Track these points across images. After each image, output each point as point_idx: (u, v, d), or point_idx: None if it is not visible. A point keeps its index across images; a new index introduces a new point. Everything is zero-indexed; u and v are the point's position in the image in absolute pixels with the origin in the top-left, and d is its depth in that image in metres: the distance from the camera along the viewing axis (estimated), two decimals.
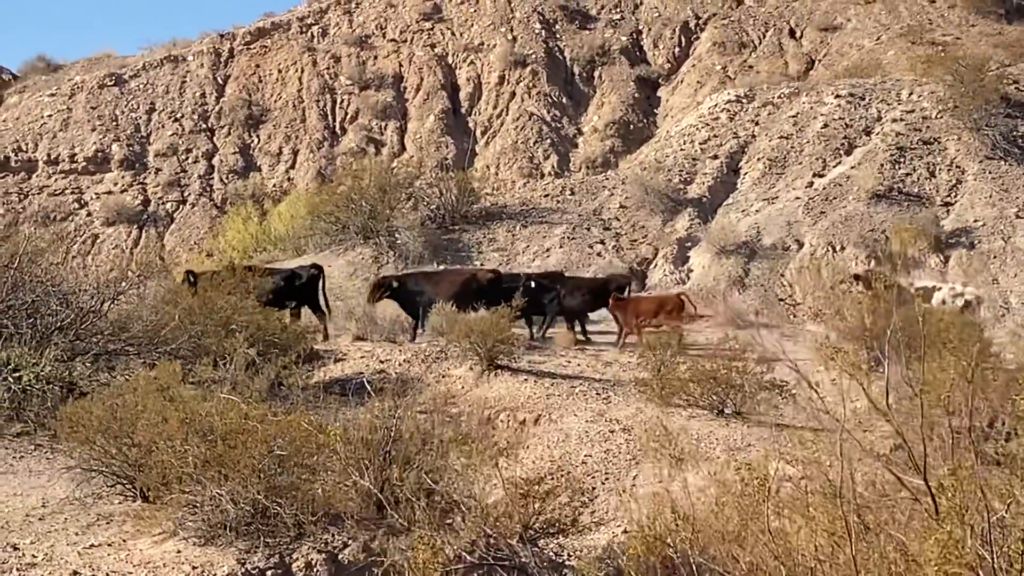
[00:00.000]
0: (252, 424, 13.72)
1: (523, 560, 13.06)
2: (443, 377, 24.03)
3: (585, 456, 19.44)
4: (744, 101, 45.94)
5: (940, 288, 28.20)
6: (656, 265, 37.65)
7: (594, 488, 17.75)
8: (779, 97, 45.73)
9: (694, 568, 8.76)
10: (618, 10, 58.47)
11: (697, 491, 10.99)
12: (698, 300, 31.22)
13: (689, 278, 36.43)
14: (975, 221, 37.15)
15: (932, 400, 8.51)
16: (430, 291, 28.39)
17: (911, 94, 44.04)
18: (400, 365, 24.83)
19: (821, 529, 7.78)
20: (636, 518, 10.31)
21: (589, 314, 29.48)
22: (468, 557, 12.78)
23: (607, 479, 18.47)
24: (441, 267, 34.97)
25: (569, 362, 25.98)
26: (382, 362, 25.12)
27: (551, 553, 13.95)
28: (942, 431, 8.42)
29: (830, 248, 36.30)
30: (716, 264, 36.38)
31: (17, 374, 19.18)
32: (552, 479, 14.70)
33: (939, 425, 8.46)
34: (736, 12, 57.78)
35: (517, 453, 17.35)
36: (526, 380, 23.49)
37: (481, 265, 37.01)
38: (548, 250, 38.28)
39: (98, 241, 49.70)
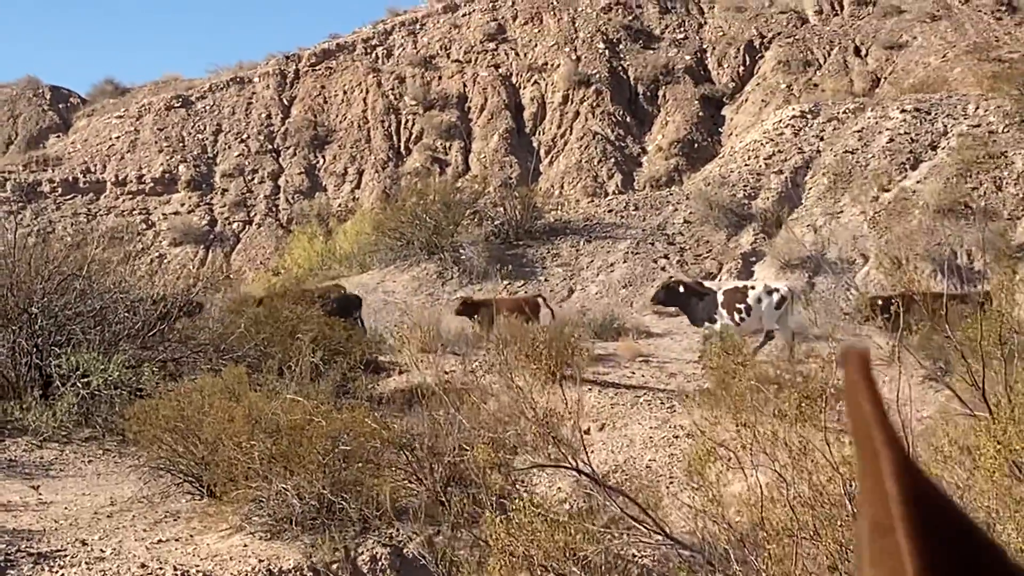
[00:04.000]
0: (317, 421, 13.82)
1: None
2: (507, 387, 24.02)
3: (649, 460, 19.43)
4: (809, 116, 45.84)
5: (754, 286, 28.20)
6: (721, 279, 37.59)
7: (658, 491, 17.74)
8: (844, 112, 45.58)
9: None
10: (682, 29, 58.54)
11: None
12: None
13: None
14: None
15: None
16: None
17: (977, 108, 43.78)
18: (464, 376, 24.87)
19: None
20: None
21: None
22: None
23: (671, 482, 18.44)
24: None
25: (633, 373, 25.97)
26: (446, 373, 25.17)
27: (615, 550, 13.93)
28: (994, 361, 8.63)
29: (895, 262, 36.05)
30: (781, 278, 36.25)
31: (86, 379, 19.38)
32: (616, 479, 14.70)
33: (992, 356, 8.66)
34: (801, 31, 57.70)
35: (582, 457, 17.34)
36: (590, 390, 23.47)
37: (545, 280, 37.12)
38: (612, 265, 38.30)
39: (165, 261, 50.02)
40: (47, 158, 54.59)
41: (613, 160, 51.63)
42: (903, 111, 44.39)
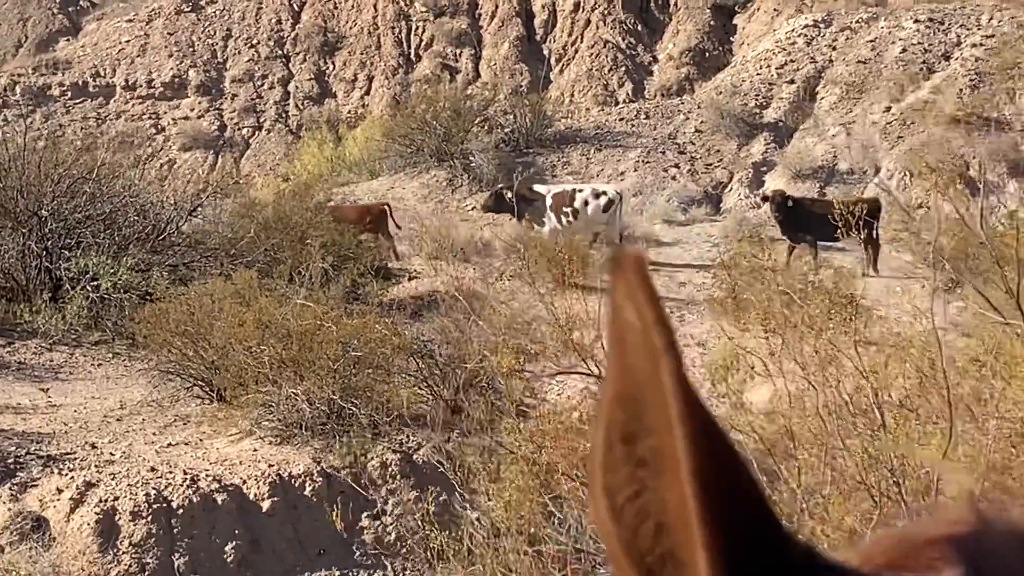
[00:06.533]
0: (327, 326, 13.82)
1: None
2: (517, 294, 24.00)
3: None
4: (821, 26, 45.48)
5: (582, 189, 28.54)
6: (731, 189, 37.47)
7: None
8: (857, 22, 45.20)
9: None
10: None
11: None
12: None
13: (764, 202, 36.22)
14: None
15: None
16: None
17: (991, 19, 43.39)
18: (474, 283, 24.83)
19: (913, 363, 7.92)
20: None
21: None
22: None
23: None
24: None
25: None
26: (456, 280, 25.14)
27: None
28: None
29: (907, 173, 35.92)
30: (791, 188, 36.05)
31: (95, 282, 19.38)
32: None
33: None
34: None
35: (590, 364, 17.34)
36: (600, 298, 23.44)
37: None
38: (623, 173, 38.15)
39: (175, 166, 49.86)
40: (56, 61, 54.37)
41: (624, 68, 51.31)
42: (916, 21, 44.00)
